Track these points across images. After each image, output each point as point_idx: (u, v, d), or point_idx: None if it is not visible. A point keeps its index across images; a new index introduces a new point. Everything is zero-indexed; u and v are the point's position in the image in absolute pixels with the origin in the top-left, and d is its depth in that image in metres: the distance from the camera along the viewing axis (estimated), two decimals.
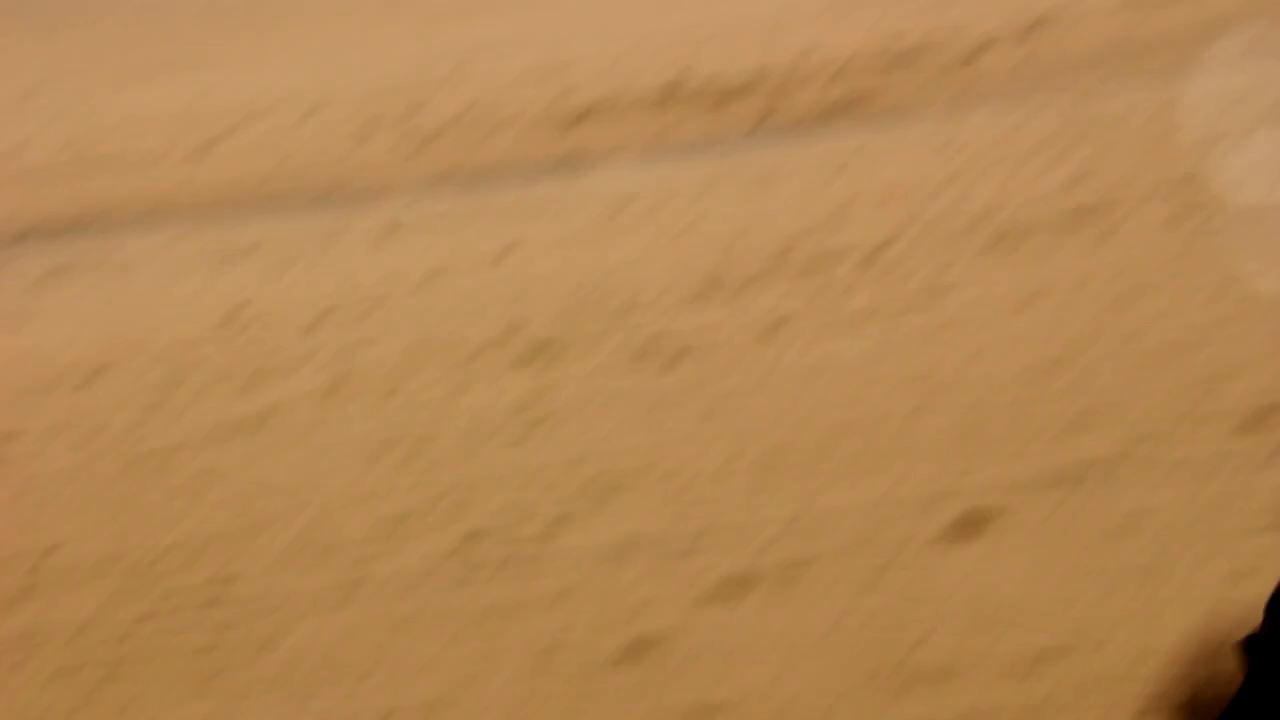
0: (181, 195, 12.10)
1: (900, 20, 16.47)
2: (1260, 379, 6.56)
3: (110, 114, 15.14)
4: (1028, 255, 7.92)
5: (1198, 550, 5.17)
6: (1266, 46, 12.56)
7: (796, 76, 14.46)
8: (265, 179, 12.10)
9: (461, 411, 7.35)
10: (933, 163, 10.15)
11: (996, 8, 16.17)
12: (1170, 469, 5.93)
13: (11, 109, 16.22)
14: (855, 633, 4.98)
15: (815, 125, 12.39)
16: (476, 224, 10.00)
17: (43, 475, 7.32)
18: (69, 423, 7.80)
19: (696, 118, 12.86)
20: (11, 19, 21.66)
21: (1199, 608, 4.50)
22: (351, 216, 10.54)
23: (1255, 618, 2.59)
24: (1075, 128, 10.51)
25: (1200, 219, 8.06)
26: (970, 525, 5.59)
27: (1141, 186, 8.74)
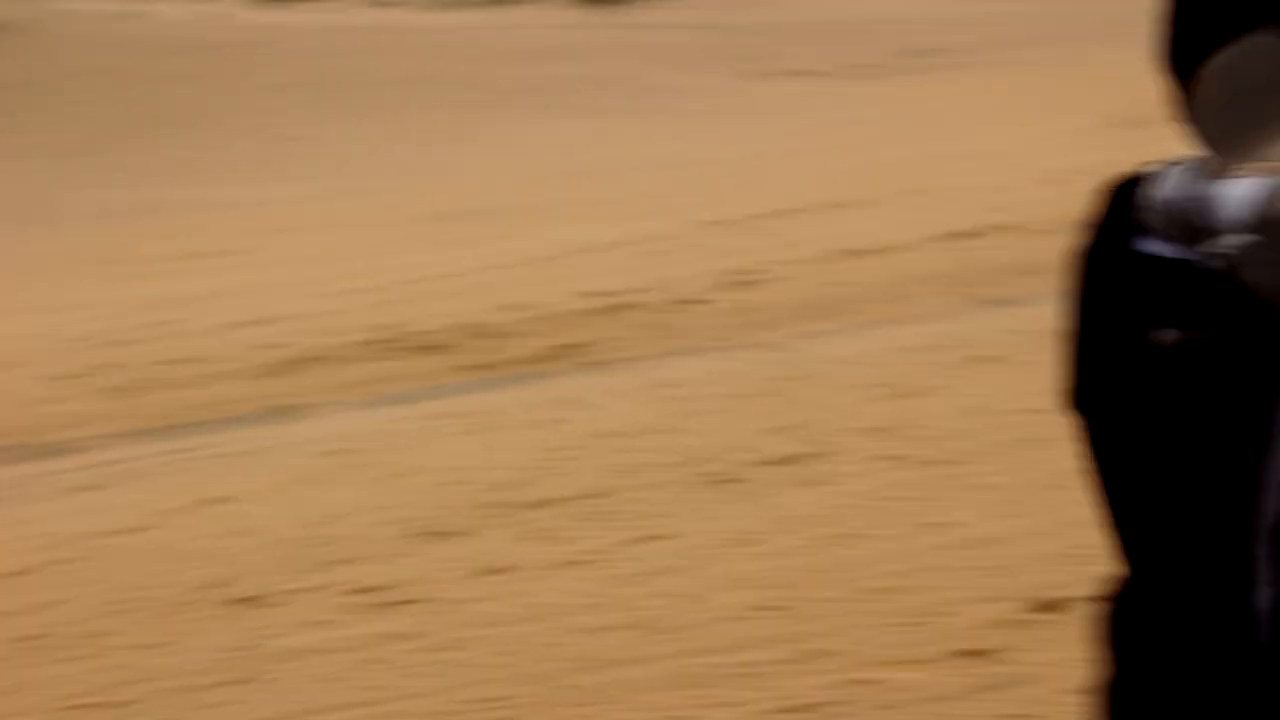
0: None
1: (612, 273, 16.75)
2: (971, 615, 6.63)
3: None
4: (742, 498, 7.94)
5: None
6: (958, 301, 13.02)
7: (509, 326, 14.52)
8: None
9: (165, 670, 7.02)
10: (646, 410, 10.19)
11: (701, 265, 16.55)
12: (885, 708, 5.92)
13: None
14: None
15: (529, 374, 12.41)
16: (180, 475, 9.70)
17: None
18: None
19: (409, 367, 12.78)
20: None
21: None
22: (50, 468, 10.14)
23: None
24: (785, 376, 10.68)
25: (906, 464, 8.19)
26: None
27: (849, 433, 8.87)
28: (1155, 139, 3.17)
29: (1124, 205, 2.17)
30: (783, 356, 11.42)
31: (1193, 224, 1.97)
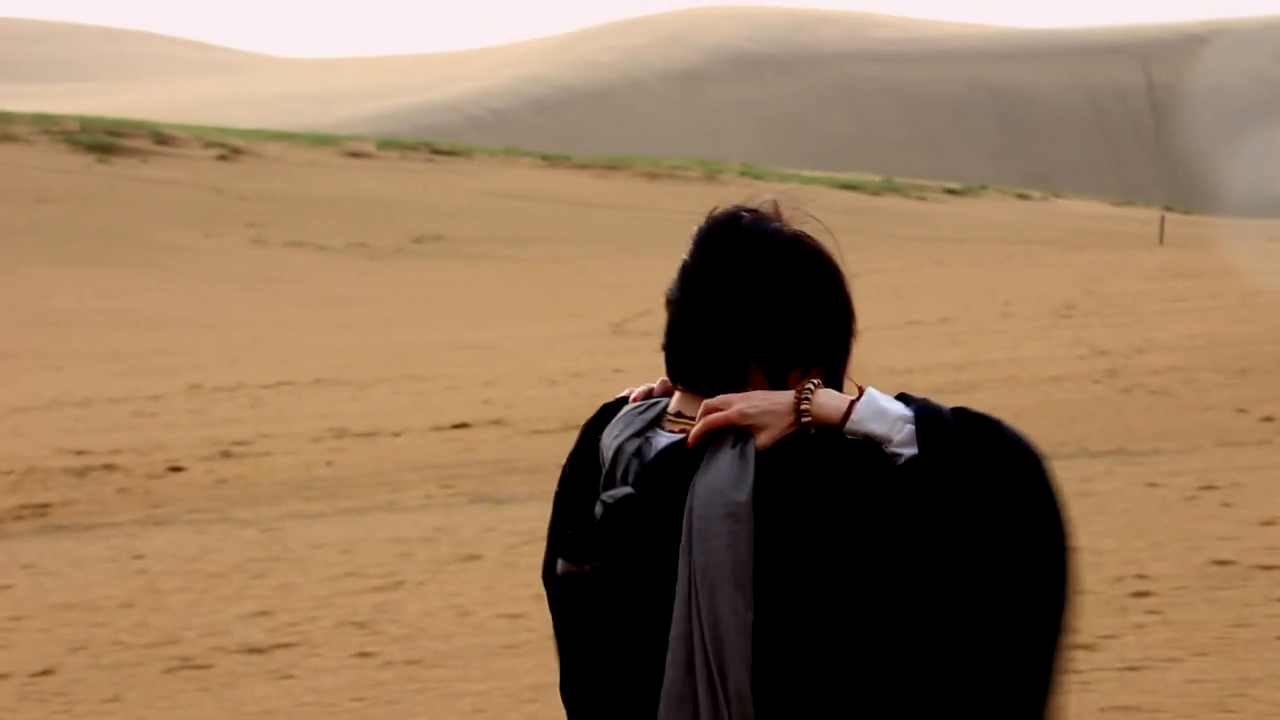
0: None
1: (86, 434, 16.02)
2: None
3: None
4: (203, 687, 7.52)
5: None
6: (444, 494, 12.90)
7: None
8: None
9: None
10: (111, 584, 9.65)
11: (189, 432, 16.01)
12: None
13: None
14: None
15: None
16: None
17: None
18: None
19: None
20: None
21: None
22: None
23: None
24: (265, 557, 10.30)
25: (378, 664, 7.93)
26: None
27: (324, 625, 8.57)
28: (653, 348, 3.22)
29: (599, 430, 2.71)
30: (264, 535, 11.04)
31: (619, 467, 2.62)
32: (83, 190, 45.99)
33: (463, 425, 16.14)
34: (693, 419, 2.58)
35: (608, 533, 2.57)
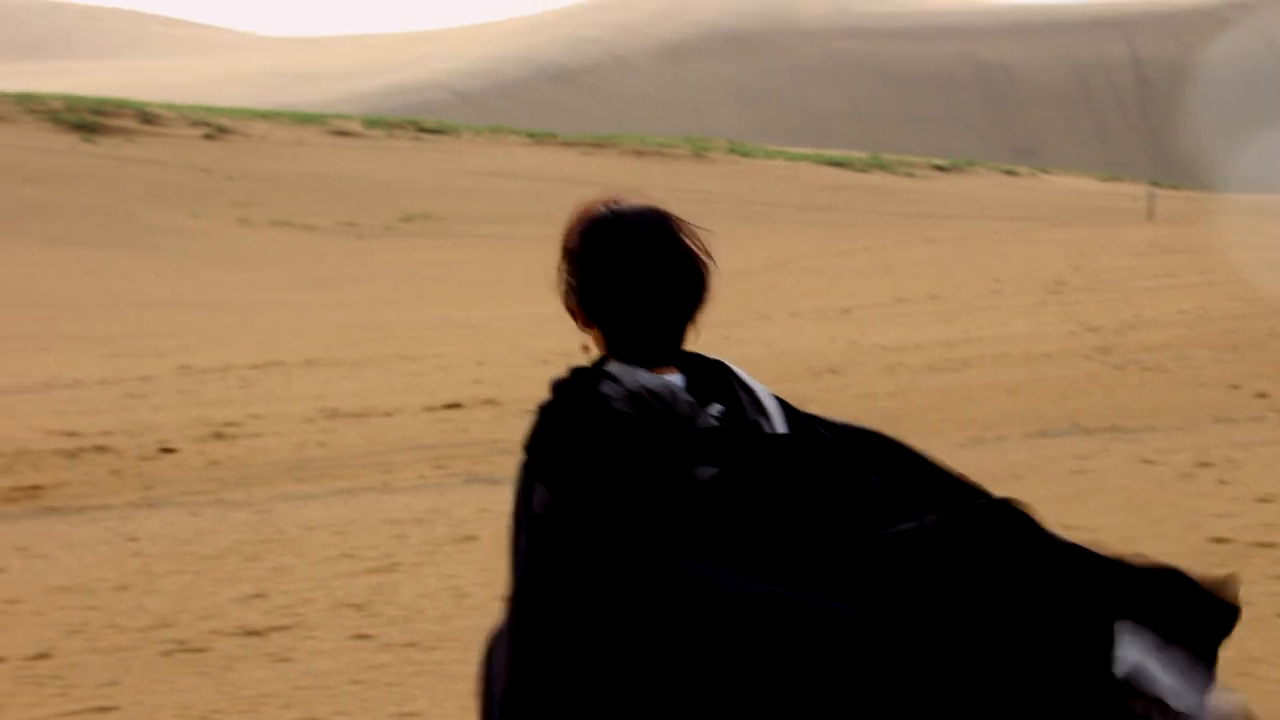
0: None
1: (77, 416, 15.97)
2: None
3: None
4: (201, 670, 7.49)
5: None
6: (438, 474, 12.87)
7: None
8: None
9: None
10: (105, 566, 9.61)
11: (180, 413, 15.95)
12: None
13: None
14: None
15: None
16: None
17: None
18: None
19: None
20: None
21: None
22: None
23: None
24: (259, 539, 10.27)
25: (376, 645, 7.91)
26: None
27: (320, 607, 8.54)
28: None
29: (588, 391, 2.90)
30: (257, 517, 11.00)
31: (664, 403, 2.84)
32: (68, 170, 45.85)
33: (455, 405, 16.10)
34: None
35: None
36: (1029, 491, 9.84)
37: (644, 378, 2.90)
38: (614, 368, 2.95)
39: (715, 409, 2.84)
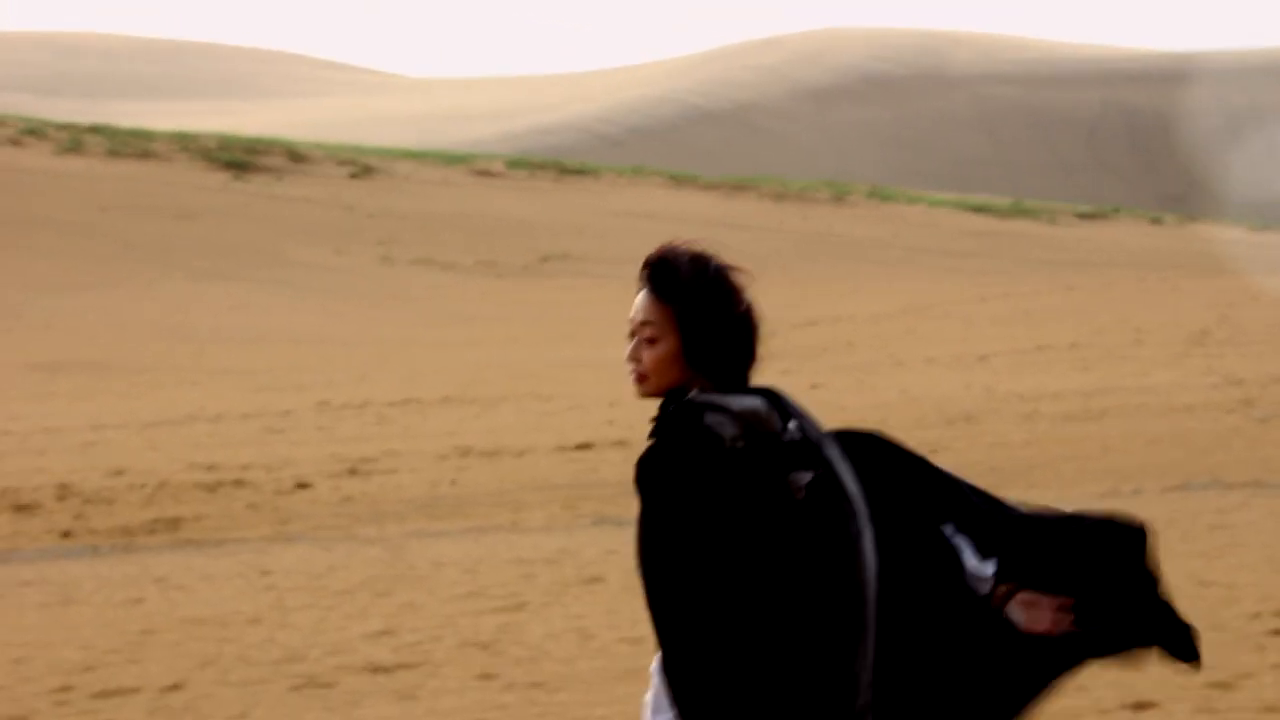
0: None
1: (218, 449, 16.21)
2: None
3: None
4: (327, 706, 7.56)
5: None
6: (567, 515, 12.91)
7: (107, 491, 13.87)
8: None
9: None
10: (239, 599, 9.74)
11: (317, 448, 16.15)
12: None
13: None
14: None
15: (119, 548, 11.82)
16: None
17: None
18: None
19: None
20: None
21: None
22: None
23: None
24: (389, 575, 10.36)
25: (501, 685, 7.94)
26: None
27: (447, 645, 8.59)
28: (778, 370, 3.32)
29: (694, 419, 3.55)
30: (388, 554, 11.11)
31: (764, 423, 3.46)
32: (219, 207, 46.65)
33: (586, 446, 16.16)
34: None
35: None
36: (1166, 545, 9.70)
37: (745, 402, 3.50)
38: (713, 396, 3.53)
39: (793, 424, 3.44)
